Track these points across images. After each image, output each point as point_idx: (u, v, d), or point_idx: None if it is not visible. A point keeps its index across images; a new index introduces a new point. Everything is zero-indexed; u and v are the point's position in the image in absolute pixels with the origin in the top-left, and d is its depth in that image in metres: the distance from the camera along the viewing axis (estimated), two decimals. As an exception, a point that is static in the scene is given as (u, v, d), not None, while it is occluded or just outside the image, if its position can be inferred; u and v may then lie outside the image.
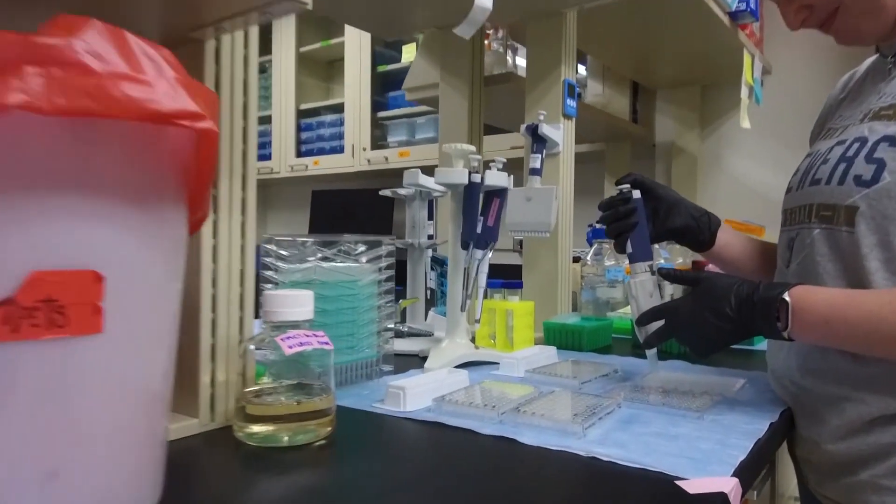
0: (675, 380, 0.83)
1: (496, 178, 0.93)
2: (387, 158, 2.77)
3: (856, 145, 0.70)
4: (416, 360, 0.97)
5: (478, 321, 1.03)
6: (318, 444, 0.59)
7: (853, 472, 0.69)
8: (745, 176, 1.91)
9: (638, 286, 0.81)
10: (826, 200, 0.72)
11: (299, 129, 3.17)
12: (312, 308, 0.62)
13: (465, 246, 0.92)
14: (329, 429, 0.61)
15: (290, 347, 0.59)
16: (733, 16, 1.45)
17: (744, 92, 1.53)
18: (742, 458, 0.56)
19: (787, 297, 0.66)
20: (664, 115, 2.05)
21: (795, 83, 1.86)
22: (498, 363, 0.93)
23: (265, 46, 3.29)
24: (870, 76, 0.83)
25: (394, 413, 0.70)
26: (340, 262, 0.77)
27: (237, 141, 0.65)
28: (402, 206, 1.16)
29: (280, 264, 0.75)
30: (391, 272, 0.83)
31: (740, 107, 1.50)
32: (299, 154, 3.16)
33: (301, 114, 3.16)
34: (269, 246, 0.76)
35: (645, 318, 0.78)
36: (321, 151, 3.08)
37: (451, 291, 0.96)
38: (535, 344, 1.16)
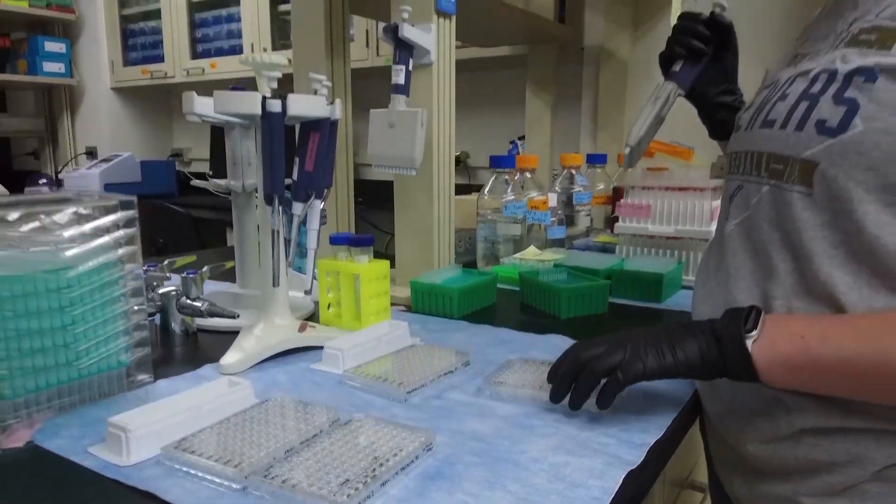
0: (538, 372, 0.63)
1: (307, 105, 0.67)
2: (290, 61, 2.40)
3: (823, 78, 0.51)
4: (231, 343, 0.73)
5: (309, 293, 0.81)
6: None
7: (771, 482, 0.56)
8: (680, 86, 1.67)
9: (660, 97, 0.78)
10: (779, 150, 0.54)
11: (193, 25, 2.74)
12: None
13: (268, 200, 0.68)
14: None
15: None
16: None
17: (677, -17, 1.26)
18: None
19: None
20: (595, 11, 1.76)
21: (744, -27, 1.58)
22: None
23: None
24: None
25: (107, 467, 0.48)
26: (35, 242, 0.52)
27: None
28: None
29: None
30: (134, 248, 0.58)
31: (672, 3, 1.25)
32: (195, 55, 2.75)
33: (194, 7, 2.72)
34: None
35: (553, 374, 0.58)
36: (219, 52, 2.68)
37: (263, 261, 0.73)
38: (399, 305, 0.95)
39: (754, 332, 0.50)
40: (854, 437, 0.51)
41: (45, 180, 3.03)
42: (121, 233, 0.57)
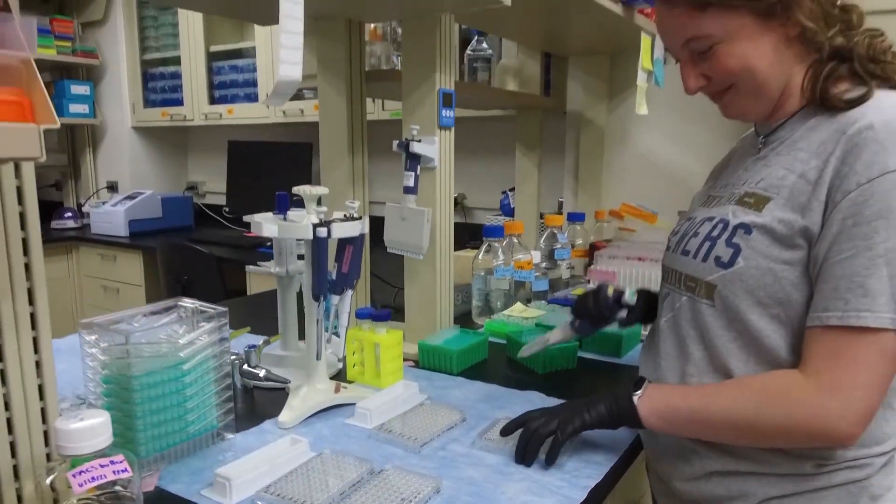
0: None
1: (346, 229, 0.90)
2: (302, 111, 2.64)
3: (720, 227, 0.76)
4: (281, 398, 0.95)
5: (341, 360, 1.03)
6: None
7: None
8: (650, 153, 1.90)
9: (565, 335, 1.04)
10: (692, 273, 0.78)
11: (211, 72, 2.98)
12: (110, 434, 0.61)
13: (315, 298, 0.91)
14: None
15: (81, 485, 0.58)
16: (627, 1, 1.38)
17: (641, 77, 1.48)
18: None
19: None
20: (575, 82, 1.99)
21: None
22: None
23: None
24: (745, 146, 0.88)
25: (218, 506, 0.71)
26: (160, 345, 0.75)
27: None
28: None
29: (96, 353, 0.73)
30: (226, 344, 0.81)
31: (637, 92, 1.47)
32: (213, 101, 2.98)
33: (212, 56, 2.96)
34: (86, 335, 0.74)
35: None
36: (235, 98, 2.92)
37: (308, 340, 0.95)
38: (409, 360, 1.18)
39: (639, 392, 0.77)
40: (742, 478, 0.75)
41: (70, 214, 3.25)
42: (216, 335, 0.80)
